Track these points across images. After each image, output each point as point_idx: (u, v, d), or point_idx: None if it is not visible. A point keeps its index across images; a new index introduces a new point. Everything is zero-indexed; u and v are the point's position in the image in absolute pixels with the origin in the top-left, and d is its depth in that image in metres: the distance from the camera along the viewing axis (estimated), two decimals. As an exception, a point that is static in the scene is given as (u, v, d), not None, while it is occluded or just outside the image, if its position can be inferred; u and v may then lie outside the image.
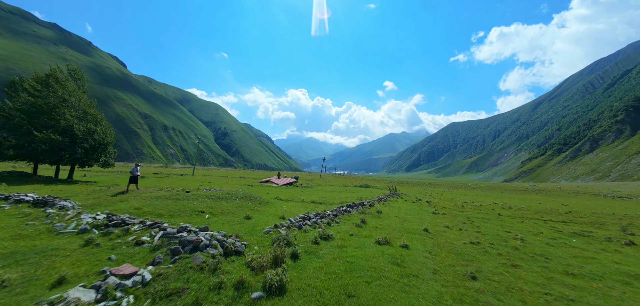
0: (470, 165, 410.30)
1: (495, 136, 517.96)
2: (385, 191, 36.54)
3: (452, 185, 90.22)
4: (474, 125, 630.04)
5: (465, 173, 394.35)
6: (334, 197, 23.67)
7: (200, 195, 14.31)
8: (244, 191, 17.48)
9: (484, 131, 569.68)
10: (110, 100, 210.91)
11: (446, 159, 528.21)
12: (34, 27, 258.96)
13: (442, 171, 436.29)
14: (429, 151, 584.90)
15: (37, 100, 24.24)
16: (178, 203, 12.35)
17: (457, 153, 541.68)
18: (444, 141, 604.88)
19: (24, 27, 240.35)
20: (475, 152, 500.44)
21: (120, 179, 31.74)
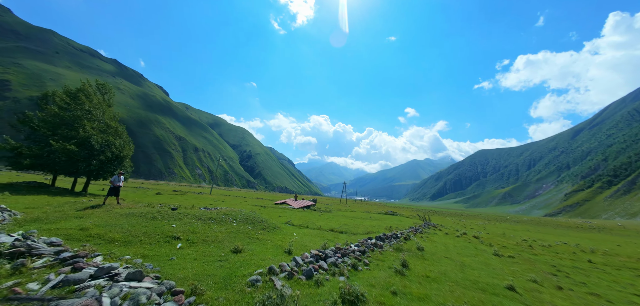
0: (504, 196, 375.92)
1: (530, 165, 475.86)
2: (416, 221, 31.11)
3: (489, 217, 79.86)
4: (504, 153, 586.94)
5: (498, 204, 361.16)
6: (357, 225, 19.34)
7: (187, 215, 11.07)
8: (248, 213, 14.02)
9: (516, 159, 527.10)
10: (152, 123, 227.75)
11: (475, 188, 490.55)
12: (98, 62, 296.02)
13: (472, 201, 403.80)
14: (455, 180, 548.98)
15: (64, 113, 23.79)
16: (151, 224, 9.15)
17: (487, 182, 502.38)
18: (472, 169, 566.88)
19: (91, 63, 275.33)
20: (509, 182, 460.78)
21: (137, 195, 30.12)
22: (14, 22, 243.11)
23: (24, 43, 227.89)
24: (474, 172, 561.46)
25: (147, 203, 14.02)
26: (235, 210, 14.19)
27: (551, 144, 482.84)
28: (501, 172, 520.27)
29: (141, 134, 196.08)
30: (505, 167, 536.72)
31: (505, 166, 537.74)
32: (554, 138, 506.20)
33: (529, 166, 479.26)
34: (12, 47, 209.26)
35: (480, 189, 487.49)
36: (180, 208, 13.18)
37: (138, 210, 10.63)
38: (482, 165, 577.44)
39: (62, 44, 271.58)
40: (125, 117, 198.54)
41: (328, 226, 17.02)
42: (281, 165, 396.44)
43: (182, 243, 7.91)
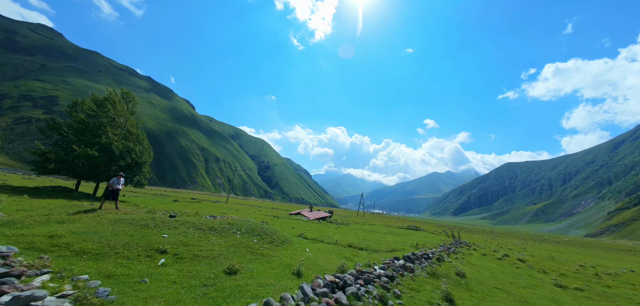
0: (536, 213, 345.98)
1: (565, 179, 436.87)
2: (444, 238, 27.84)
3: (524, 236, 72.26)
4: (535, 166, 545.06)
5: (530, 221, 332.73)
6: (378, 241, 17.03)
7: (186, 223, 9.67)
8: (257, 223, 12.42)
9: (549, 173, 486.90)
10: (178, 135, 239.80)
11: (503, 204, 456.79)
12: (135, 79, 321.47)
13: (499, 217, 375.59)
14: (480, 194, 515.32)
15: (90, 120, 24.37)
16: (139, 233, 7.80)
17: (516, 197, 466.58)
18: (498, 183, 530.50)
19: (128, 80, 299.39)
20: (541, 197, 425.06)
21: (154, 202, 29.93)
22: (64, 45, 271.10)
23: (73, 63, 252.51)
24: (500, 186, 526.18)
25: (149, 209, 12.92)
26: (242, 219, 12.66)
27: (588, 157, 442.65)
28: (532, 187, 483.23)
29: (168, 145, 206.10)
30: (536, 181, 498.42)
31: (536, 181, 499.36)
32: (591, 151, 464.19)
33: (564, 180, 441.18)
34: (62, 66, 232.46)
35: (508, 204, 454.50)
36: (183, 215, 11.87)
37: (131, 216, 9.41)
38: (510, 179, 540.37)
39: (104, 64, 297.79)
40: (155, 129, 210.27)
41: (345, 240, 14.95)
42: (298, 176, 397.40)
43: (166, 258, 6.40)
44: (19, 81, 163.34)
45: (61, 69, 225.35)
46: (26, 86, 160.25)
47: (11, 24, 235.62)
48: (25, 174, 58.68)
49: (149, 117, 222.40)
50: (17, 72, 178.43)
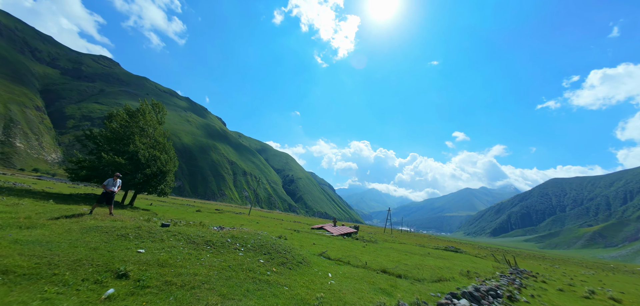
0: (593, 236, 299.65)
1: (625, 198, 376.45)
2: (494, 263, 23.03)
3: (588, 264, 60.67)
4: (587, 183, 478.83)
5: (586, 246, 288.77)
6: (418, 265, 13.70)
7: (178, 234, 7.72)
8: (267, 238, 10.18)
9: (605, 190, 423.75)
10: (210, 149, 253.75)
11: (551, 225, 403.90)
12: (176, 100, 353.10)
13: (547, 240, 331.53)
14: (522, 213, 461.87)
15: (122, 129, 24.95)
16: (107, 245, 5.97)
17: (566, 218, 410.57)
18: (543, 202, 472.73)
19: (170, 101, 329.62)
20: (597, 219, 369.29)
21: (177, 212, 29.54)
22: (120, 73, 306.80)
23: (126, 88, 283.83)
24: (547, 205, 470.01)
25: (148, 217, 11.35)
26: (252, 232, 10.49)
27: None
28: (585, 206, 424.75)
29: (201, 159, 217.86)
30: (590, 200, 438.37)
31: (589, 199, 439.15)
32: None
33: (625, 199, 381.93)
34: (117, 91, 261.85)
35: (557, 226, 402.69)
36: (179, 225, 9.98)
37: (113, 224, 7.73)
38: (558, 197, 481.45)
39: (151, 87, 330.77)
40: (190, 144, 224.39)
41: (377, 263, 11.98)
42: (322, 190, 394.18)
43: (121, 287, 4.33)
44: (81, 104, 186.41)
45: (116, 93, 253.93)
46: (87, 108, 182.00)
47: (78, 56, 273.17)
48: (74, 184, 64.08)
49: (186, 133, 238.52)
50: (81, 96, 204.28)
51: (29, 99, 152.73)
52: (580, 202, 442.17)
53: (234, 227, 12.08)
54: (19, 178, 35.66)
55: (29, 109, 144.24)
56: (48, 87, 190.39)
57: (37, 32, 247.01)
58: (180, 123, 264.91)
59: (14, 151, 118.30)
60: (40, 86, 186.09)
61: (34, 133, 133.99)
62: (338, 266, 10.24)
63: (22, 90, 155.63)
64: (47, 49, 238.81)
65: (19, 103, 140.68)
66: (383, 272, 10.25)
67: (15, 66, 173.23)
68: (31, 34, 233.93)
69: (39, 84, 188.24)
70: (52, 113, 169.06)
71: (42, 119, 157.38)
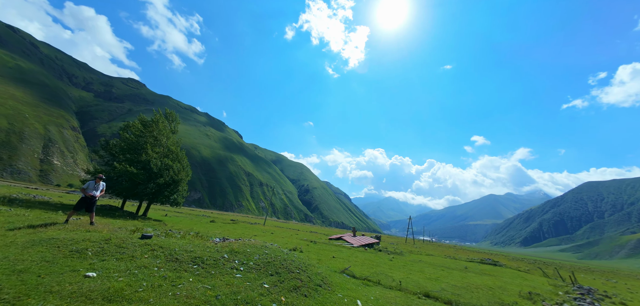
0: (638, 244, 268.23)
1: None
2: (549, 280, 19.30)
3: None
4: (627, 185, 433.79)
5: (630, 255, 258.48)
6: (466, 286, 10.95)
7: (154, 250, 5.92)
8: (276, 253, 8.15)
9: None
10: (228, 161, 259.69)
11: (588, 233, 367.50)
12: (196, 116, 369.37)
13: (586, 250, 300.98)
14: (556, 220, 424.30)
15: (138, 139, 24.56)
16: (45, 267, 4.26)
17: (606, 224, 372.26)
18: (578, 207, 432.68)
19: (190, 117, 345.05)
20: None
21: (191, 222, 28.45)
22: (146, 93, 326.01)
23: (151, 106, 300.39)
24: (582, 211, 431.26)
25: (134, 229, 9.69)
26: (258, 245, 8.50)
27: None
28: (626, 211, 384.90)
29: (219, 171, 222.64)
30: (630, 204, 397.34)
31: (630, 203, 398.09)
32: None
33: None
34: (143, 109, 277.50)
35: (597, 233, 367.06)
36: (166, 237, 8.10)
37: (70, 236, 6.03)
38: (594, 202, 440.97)
39: (174, 105, 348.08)
40: (209, 157, 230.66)
41: (414, 283, 9.48)
42: (337, 200, 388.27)
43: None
44: (111, 123, 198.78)
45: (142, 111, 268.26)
46: (116, 127, 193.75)
47: (109, 79, 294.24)
48: (100, 197, 66.03)
49: (205, 147, 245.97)
50: (111, 116, 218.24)
51: (66, 120, 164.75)
52: (620, 207, 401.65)
53: (240, 239, 10.17)
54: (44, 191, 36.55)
55: (66, 129, 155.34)
56: (83, 109, 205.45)
57: (73, 60, 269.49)
58: (200, 137, 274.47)
59: (52, 168, 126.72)
60: (76, 108, 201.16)
61: (69, 151, 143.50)
62: (367, 287, 7.96)
63: (60, 112, 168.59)
64: (83, 75, 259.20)
65: (57, 124, 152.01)
66: (426, 296, 7.79)
67: (55, 91, 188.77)
68: (69, 62, 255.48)
69: (75, 106, 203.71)
70: (86, 132, 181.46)
71: (77, 138, 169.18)
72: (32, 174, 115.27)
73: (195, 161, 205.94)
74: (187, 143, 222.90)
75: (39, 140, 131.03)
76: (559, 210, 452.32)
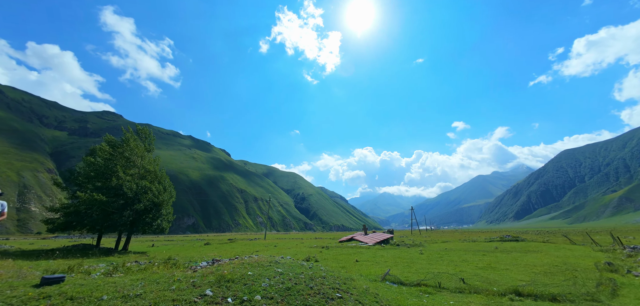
0: (619, 202, 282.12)
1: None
2: (591, 250, 18.05)
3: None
4: (600, 148, 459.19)
5: (615, 213, 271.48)
6: (525, 264, 9.17)
7: (71, 300, 3.67)
8: (297, 268, 6.07)
9: (620, 153, 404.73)
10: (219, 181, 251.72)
11: (573, 198, 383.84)
12: (179, 139, 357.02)
13: (574, 214, 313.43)
14: (542, 191, 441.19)
15: (106, 163, 21.55)
16: None
17: (588, 188, 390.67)
18: (560, 175, 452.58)
19: (173, 141, 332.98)
20: (619, 183, 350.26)
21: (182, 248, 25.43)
22: (124, 123, 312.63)
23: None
24: (564, 178, 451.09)
25: (45, 270, 7.24)
26: (265, 262, 6.38)
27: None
28: (604, 172, 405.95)
29: (211, 192, 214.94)
30: (606, 165, 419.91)
31: (606, 164, 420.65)
32: None
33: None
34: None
35: (580, 197, 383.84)
36: (135, 269, 5.82)
37: None
38: (574, 167, 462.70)
39: (155, 132, 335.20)
40: (198, 179, 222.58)
41: (479, 278, 7.62)
42: (334, 203, 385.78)
43: None
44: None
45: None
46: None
47: (83, 115, 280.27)
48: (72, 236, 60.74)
49: (193, 170, 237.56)
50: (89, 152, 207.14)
51: (40, 164, 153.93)
52: (598, 169, 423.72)
53: (236, 257, 7.89)
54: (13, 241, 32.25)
55: (41, 173, 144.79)
56: (58, 149, 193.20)
57: (42, 100, 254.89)
58: (186, 161, 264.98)
59: (30, 216, 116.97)
60: (51, 149, 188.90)
61: (47, 195, 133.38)
62: (432, 296, 5.98)
63: (33, 156, 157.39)
64: (54, 114, 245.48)
65: (31, 169, 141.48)
66: (517, 294, 5.92)
67: (25, 135, 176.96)
68: (38, 103, 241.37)
69: (49, 147, 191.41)
70: (64, 173, 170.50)
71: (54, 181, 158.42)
72: (10, 225, 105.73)
73: (184, 186, 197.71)
74: (174, 168, 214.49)
75: (12, 188, 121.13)
76: (543, 180, 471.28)
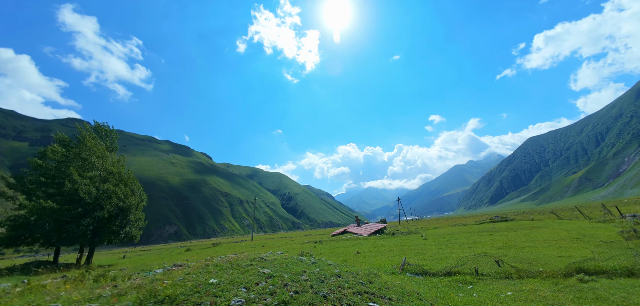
0: (580, 182, 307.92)
1: (597, 140, 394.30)
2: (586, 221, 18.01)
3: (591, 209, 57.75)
4: (561, 134, 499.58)
5: (576, 192, 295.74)
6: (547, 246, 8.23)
7: None
8: (283, 261, 4.46)
9: (578, 137, 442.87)
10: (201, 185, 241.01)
11: (540, 181, 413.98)
12: (156, 144, 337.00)
13: (541, 196, 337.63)
14: (512, 176, 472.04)
15: (59, 165, 18.38)
16: None
17: (552, 171, 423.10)
18: (527, 161, 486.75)
19: (150, 147, 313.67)
20: (579, 165, 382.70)
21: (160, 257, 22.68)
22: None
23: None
24: (531, 163, 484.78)
25: None
26: (244, 262, 4.71)
27: (614, 112, 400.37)
28: (565, 156, 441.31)
29: (194, 197, 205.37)
30: (567, 149, 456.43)
31: (566, 148, 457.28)
32: (614, 105, 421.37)
33: (597, 141, 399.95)
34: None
35: (546, 180, 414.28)
36: None
37: None
38: (539, 153, 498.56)
39: (128, 138, 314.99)
40: (179, 185, 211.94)
41: (520, 258, 6.43)
42: (321, 200, 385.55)
43: None
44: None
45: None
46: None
47: (45, 123, 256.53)
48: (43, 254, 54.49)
49: (173, 175, 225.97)
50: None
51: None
52: (560, 153, 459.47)
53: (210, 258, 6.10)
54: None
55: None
56: (18, 162, 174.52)
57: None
58: (165, 167, 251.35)
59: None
60: (10, 162, 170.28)
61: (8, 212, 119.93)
62: (475, 285, 4.66)
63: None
64: (12, 123, 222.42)
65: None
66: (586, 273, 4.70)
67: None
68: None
69: (8, 160, 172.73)
70: (9, 180, 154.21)
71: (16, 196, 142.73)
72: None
73: (164, 193, 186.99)
74: (152, 175, 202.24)
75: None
76: (513, 167, 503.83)
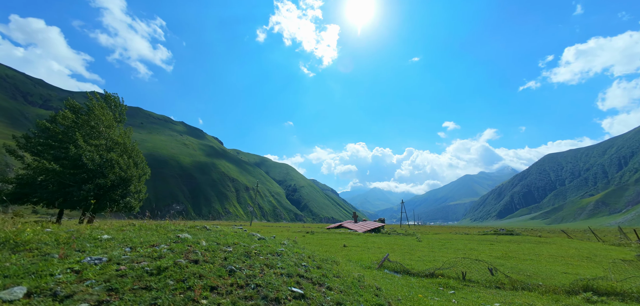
0: (596, 206, 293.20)
1: (620, 164, 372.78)
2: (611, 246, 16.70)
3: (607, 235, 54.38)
4: (581, 154, 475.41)
5: (591, 216, 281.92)
6: (577, 270, 7.34)
7: None
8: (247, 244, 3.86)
9: (599, 159, 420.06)
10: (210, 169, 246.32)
11: (553, 199, 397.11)
12: (171, 125, 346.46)
13: (552, 215, 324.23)
14: (524, 192, 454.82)
15: (66, 130, 18.78)
16: None
17: (567, 191, 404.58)
18: (542, 178, 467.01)
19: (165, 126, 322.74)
20: (597, 188, 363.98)
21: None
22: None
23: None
24: (546, 180, 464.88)
25: None
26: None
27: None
28: (583, 177, 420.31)
29: (202, 179, 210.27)
30: (586, 170, 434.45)
31: (586, 169, 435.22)
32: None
33: (620, 165, 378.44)
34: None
35: (560, 199, 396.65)
36: None
37: None
38: (556, 171, 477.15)
39: (145, 116, 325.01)
40: (190, 165, 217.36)
41: (511, 269, 5.67)
42: (325, 196, 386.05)
43: None
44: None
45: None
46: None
47: (71, 94, 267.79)
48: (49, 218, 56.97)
49: (184, 155, 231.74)
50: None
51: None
52: (578, 174, 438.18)
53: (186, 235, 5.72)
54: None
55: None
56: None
57: (27, 77, 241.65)
58: (178, 147, 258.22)
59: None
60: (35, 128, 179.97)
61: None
62: (458, 290, 4.00)
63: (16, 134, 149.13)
64: (39, 92, 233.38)
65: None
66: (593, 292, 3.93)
67: (8, 111, 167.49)
68: (22, 79, 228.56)
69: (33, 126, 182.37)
70: (20, 139, 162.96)
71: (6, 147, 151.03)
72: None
73: (175, 172, 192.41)
74: (165, 154, 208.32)
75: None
76: (526, 182, 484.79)
